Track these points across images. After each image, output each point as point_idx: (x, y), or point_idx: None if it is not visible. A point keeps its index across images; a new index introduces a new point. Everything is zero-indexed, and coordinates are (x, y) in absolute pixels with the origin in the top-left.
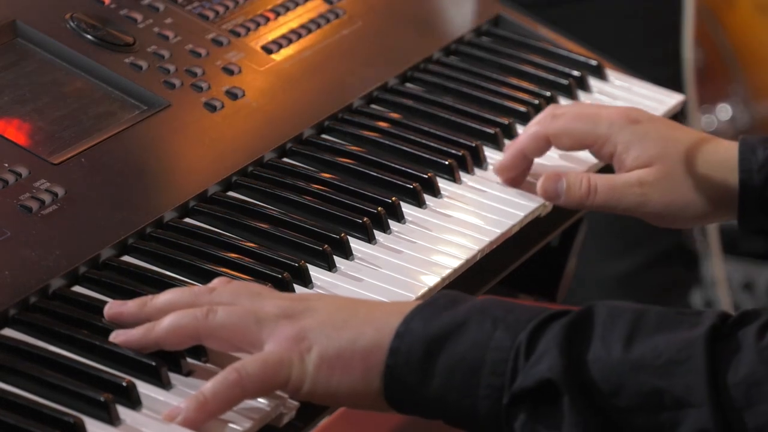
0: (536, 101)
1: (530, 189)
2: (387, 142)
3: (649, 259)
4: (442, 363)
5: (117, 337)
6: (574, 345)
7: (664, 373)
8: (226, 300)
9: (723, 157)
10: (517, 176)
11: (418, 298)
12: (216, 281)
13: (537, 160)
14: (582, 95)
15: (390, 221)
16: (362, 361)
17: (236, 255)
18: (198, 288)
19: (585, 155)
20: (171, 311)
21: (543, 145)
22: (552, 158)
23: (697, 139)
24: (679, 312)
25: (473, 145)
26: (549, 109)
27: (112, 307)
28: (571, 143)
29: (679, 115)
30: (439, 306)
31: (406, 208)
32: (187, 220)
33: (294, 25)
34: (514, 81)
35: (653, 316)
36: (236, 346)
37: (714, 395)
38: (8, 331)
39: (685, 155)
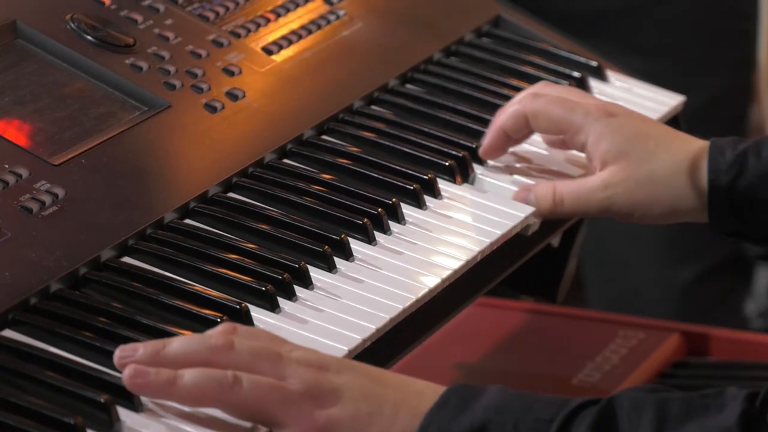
0: None
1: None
2: (387, 143)
3: (706, 268)
4: None
5: (133, 380)
6: None
7: None
8: (246, 362)
9: (693, 156)
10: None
11: (418, 300)
12: (224, 329)
13: (539, 158)
14: (567, 86)
15: (390, 222)
16: None
17: (237, 256)
18: (213, 341)
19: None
20: (186, 364)
21: (522, 123)
22: (558, 160)
23: (669, 136)
24: (702, 395)
25: (473, 146)
26: (533, 88)
27: (123, 356)
28: (546, 126)
29: (745, 121)
30: (452, 408)
31: (407, 209)
32: (188, 221)
33: (294, 26)
34: (515, 82)
35: (677, 404)
36: (255, 420)
37: None
38: (9, 333)
39: (652, 152)
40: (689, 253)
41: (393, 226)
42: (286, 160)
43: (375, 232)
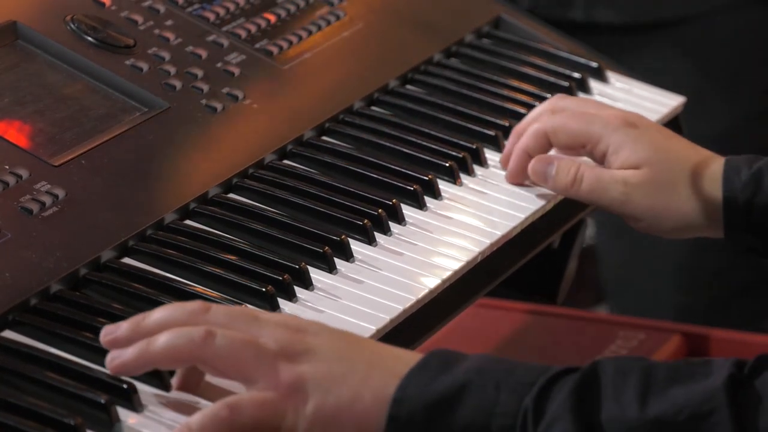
0: (537, 103)
1: (531, 190)
2: (387, 144)
3: (734, 289)
4: (445, 429)
5: (112, 362)
6: (585, 408)
7: (689, 429)
8: (222, 322)
9: (711, 174)
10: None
11: (418, 300)
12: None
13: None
14: (582, 97)
15: (390, 223)
16: (358, 424)
17: (236, 257)
18: (192, 306)
19: None
20: (166, 330)
21: (544, 141)
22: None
23: (689, 152)
24: (689, 362)
25: (474, 147)
26: (549, 103)
27: (107, 333)
28: (567, 141)
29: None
30: (432, 369)
31: (407, 210)
32: (188, 222)
33: (294, 27)
34: (515, 83)
35: (663, 369)
36: (228, 376)
37: None
38: (9, 333)
39: (673, 165)
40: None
41: (393, 227)
42: (286, 161)
43: (375, 233)
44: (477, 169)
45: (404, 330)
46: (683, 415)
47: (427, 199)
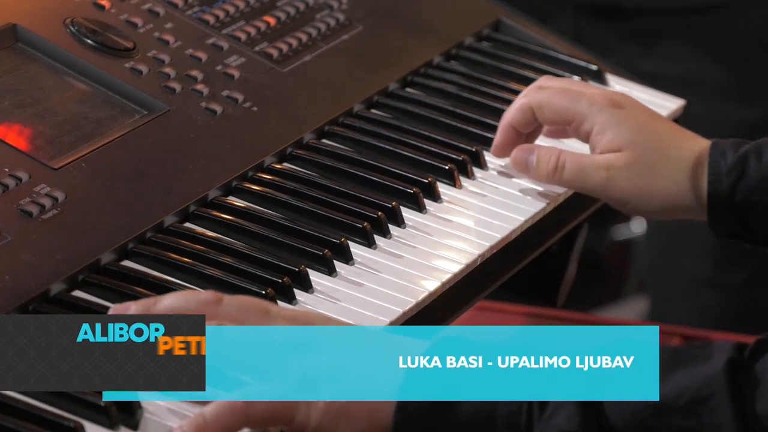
0: None
1: (531, 193)
2: (387, 146)
3: (754, 274)
4: (452, 418)
5: (114, 310)
6: None
7: (689, 413)
8: (233, 314)
9: (696, 156)
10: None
11: (418, 303)
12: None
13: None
14: (569, 78)
15: (390, 226)
16: (369, 414)
17: (236, 259)
18: (204, 295)
19: None
20: None
21: (529, 116)
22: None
23: (675, 134)
24: (691, 346)
25: (474, 149)
26: (537, 81)
27: (115, 311)
28: (552, 116)
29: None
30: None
31: (407, 213)
32: (188, 224)
33: (294, 29)
34: (515, 86)
35: (665, 353)
36: None
37: (743, 430)
38: None
39: (657, 147)
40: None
41: (393, 229)
42: (286, 164)
43: (375, 236)
44: (477, 171)
45: None
46: (684, 399)
47: (427, 202)
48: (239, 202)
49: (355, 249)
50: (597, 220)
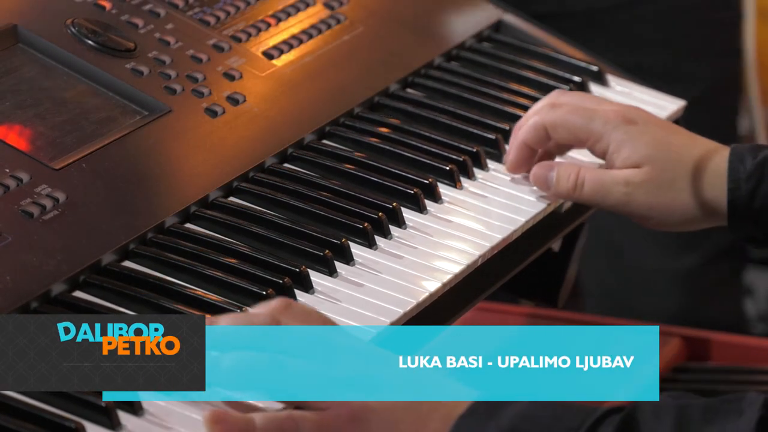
0: None
1: (531, 194)
2: (388, 147)
3: (706, 256)
4: None
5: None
6: None
7: None
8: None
9: (714, 164)
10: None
11: (419, 304)
12: (278, 304)
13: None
14: (582, 93)
15: (391, 226)
16: None
17: (237, 260)
18: (258, 320)
19: None
20: None
21: (543, 134)
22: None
23: (691, 145)
24: (722, 400)
25: (474, 150)
26: (549, 98)
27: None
28: (566, 136)
29: (736, 110)
30: (481, 414)
31: (407, 214)
32: (189, 225)
33: (295, 30)
34: (515, 86)
35: (697, 409)
36: None
37: None
38: None
39: (674, 160)
40: (690, 241)
41: (394, 230)
42: (286, 165)
43: (376, 237)
44: (477, 172)
45: None
46: None
47: (428, 203)
48: (240, 203)
49: (356, 249)
50: None
